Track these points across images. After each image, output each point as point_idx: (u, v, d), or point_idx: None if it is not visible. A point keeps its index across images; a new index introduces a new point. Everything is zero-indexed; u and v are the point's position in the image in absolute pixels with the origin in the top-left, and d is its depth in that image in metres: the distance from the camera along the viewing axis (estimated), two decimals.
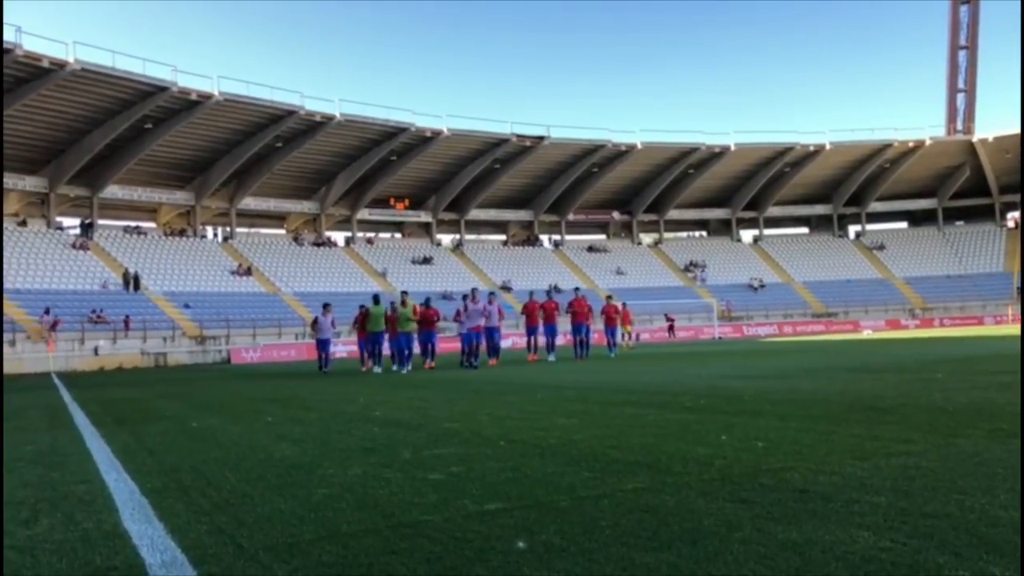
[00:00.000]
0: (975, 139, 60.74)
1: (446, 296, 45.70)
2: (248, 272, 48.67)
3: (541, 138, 54.64)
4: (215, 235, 53.35)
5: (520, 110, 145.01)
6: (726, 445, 4.83)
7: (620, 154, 57.39)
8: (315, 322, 20.36)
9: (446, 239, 61.23)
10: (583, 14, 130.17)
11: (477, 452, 5.02)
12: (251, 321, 41.91)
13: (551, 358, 19.97)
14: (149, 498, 3.93)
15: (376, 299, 19.73)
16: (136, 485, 4.34)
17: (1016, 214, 64.55)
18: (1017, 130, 57.58)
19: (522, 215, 62.80)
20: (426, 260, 55.74)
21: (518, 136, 53.98)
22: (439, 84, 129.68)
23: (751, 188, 62.98)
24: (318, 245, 54.96)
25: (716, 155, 58.91)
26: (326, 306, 20.45)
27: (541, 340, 21.12)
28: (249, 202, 53.06)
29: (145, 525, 3.34)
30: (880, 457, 4.17)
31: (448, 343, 33.56)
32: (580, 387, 10.53)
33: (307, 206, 55.86)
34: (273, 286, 48.19)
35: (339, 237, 57.79)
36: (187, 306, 42.25)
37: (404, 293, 19.15)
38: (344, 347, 36.15)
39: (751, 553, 2.54)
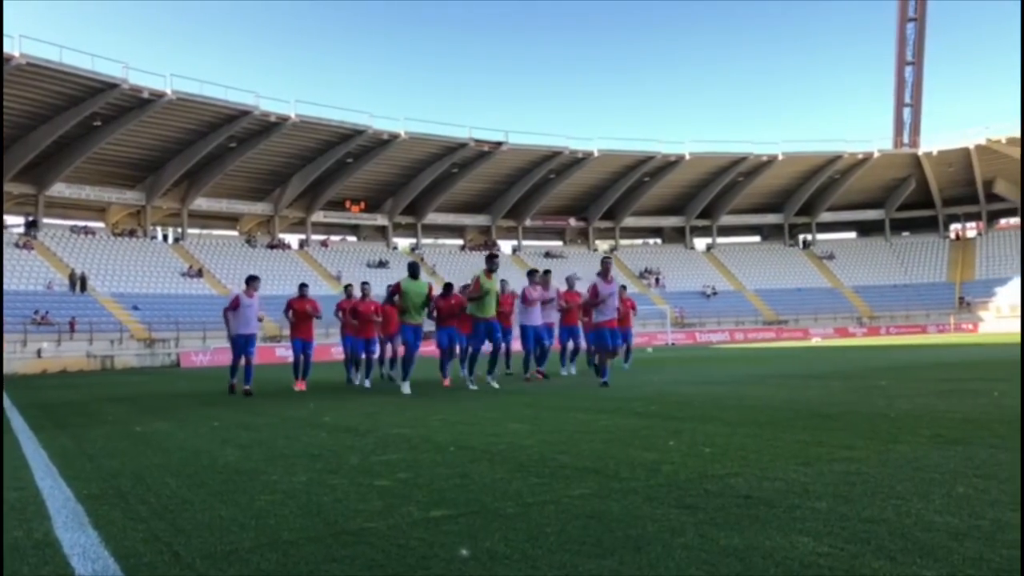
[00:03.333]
0: (920, 152, 62.34)
1: None
2: (199, 274, 47.84)
3: (499, 143, 54.69)
4: (166, 236, 52.28)
5: (479, 115, 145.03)
6: (674, 451, 4.87)
7: (577, 161, 57.70)
8: (235, 304, 12.59)
9: (403, 243, 60.89)
10: (541, 21, 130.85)
11: (426, 458, 4.98)
12: (201, 324, 41.15)
13: (569, 370, 14.75)
14: (84, 505, 3.82)
15: (414, 270, 12.12)
16: (72, 492, 4.22)
17: (958, 226, 66.43)
18: (958, 145, 59.40)
19: (480, 220, 62.77)
20: (382, 264, 55.33)
21: (476, 141, 53.93)
22: (398, 87, 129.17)
23: (705, 197, 63.82)
24: (272, 247, 54.21)
25: (671, 164, 59.57)
26: (251, 281, 12.78)
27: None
28: (201, 203, 52.13)
29: (78, 533, 3.25)
30: (823, 463, 4.23)
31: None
32: (533, 392, 10.53)
33: (261, 207, 55.07)
34: (225, 288, 47.37)
35: (293, 239, 57.08)
36: (136, 308, 41.34)
37: (493, 257, 12.03)
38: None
39: (693, 559, 2.55)
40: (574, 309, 14.24)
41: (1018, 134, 54.82)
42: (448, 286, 12.82)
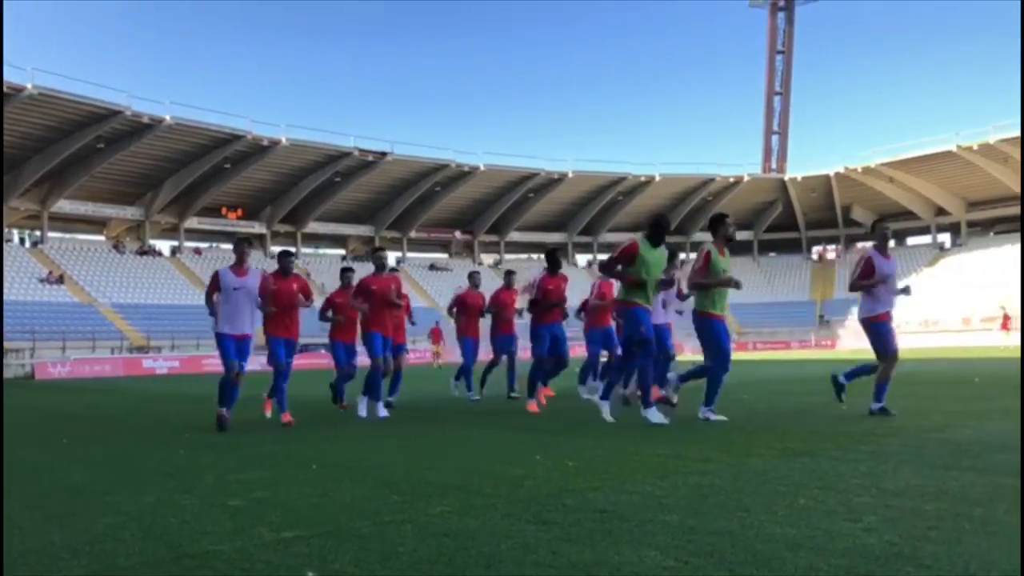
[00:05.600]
0: (786, 178, 66.08)
1: None
2: (60, 280, 44.94)
3: (384, 154, 54.16)
4: (23, 239, 48.91)
5: (364, 125, 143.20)
6: (539, 465, 4.91)
7: (463, 174, 57.88)
8: (215, 286, 8.07)
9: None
10: (429, 34, 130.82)
11: (286, 476, 4.83)
12: (60, 333, 38.66)
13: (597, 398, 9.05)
14: None
15: (658, 230, 7.57)
16: None
17: (820, 248, 70.59)
18: (820, 172, 63.26)
19: (363, 230, 61.91)
20: None
21: (361, 150, 53.21)
22: (280, 93, 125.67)
23: (587, 214, 65.35)
24: (142, 254, 51.60)
25: (555, 181, 60.67)
26: (240, 246, 8.30)
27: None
28: (64, 205, 49.08)
29: None
30: (679, 476, 4.36)
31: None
32: (407, 406, 10.39)
33: (130, 212, 52.36)
34: (88, 296, 44.74)
35: (165, 246, 54.57)
36: None
37: (723, 218, 7.67)
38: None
39: None
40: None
41: (872, 164, 58.88)
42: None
